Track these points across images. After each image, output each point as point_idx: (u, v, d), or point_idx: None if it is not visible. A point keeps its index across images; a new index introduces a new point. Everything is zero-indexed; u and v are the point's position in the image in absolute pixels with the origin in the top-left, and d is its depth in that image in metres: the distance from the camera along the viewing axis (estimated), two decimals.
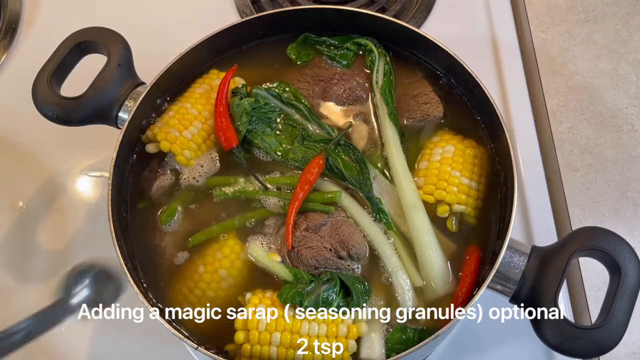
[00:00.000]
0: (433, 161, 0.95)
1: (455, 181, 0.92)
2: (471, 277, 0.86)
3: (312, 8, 1.07)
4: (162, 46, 1.03)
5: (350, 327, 0.82)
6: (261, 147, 0.96)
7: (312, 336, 0.81)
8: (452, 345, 1.02)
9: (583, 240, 0.84)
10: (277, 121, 0.99)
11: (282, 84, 1.03)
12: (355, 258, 0.89)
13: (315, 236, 0.89)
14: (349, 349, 0.82)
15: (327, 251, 0.87)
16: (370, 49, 1.05)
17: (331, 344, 0.81)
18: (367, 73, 1.05)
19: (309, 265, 0.87)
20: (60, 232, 1.12)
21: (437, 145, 0.97)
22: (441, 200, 0.92)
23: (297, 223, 0.90)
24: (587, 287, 1.04)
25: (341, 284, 0.84)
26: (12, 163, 1.21)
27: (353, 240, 0.88)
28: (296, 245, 0.88)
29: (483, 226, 0.92)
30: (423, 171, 0.95)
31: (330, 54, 1.07)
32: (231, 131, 0.95)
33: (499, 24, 1.32)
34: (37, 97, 0.96)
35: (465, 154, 0.95)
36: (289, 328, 0.81)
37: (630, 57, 1.28)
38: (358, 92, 1.03)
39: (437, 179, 0.92)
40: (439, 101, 1.02)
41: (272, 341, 0.81)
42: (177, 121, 0.96)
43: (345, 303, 0.84)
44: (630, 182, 1.15)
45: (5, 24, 1.34)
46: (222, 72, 1.03)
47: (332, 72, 1.05)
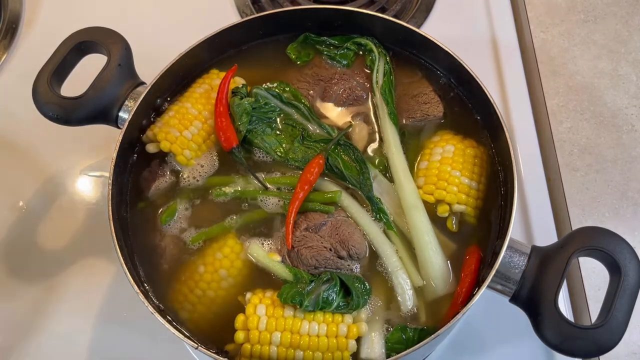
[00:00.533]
0: (433, 161, 0.95)
1: (455, 181, 0.92)
2: (471, 277, 0.86)
3: (312, 8, 1.07)
4: (162, 46, 1.04)
5: (350, 326, 0.82)
6: (261, 147, 0.96)
7: (312, 336, 0.81)
8: (452, 345, 1.02)
9: (583, 240, 0.84)
10: (277, 121, 0.99)
11: (282, 83, 1.03)
12: (355, 258, 0.89)
13: (315, 236, 0.89)
14: (349, 349, 0.82)
15: (327, 251, 0.87)
16: (370, 48, 1.05)
17: (331, 344, 0.81)
18: (367, 73, 1.05)
19: (309, 265, 0.87)
20: (60, 232, 1.12)
21: (437, 145, 0.97)
22: (441, 200, 0.92)
23: (297, 223, 0.90)
24: (587, 287, 1.04)
25: (341, 283, 0.84)
26: (12, 163, 1.21)
27: (353, 240, 0.88)
28: (296, 245, 0.88)
29: (483, 226, 0.92)
30: (423, 171, 0.95)
31: (330, 53, 1.07)
32: (231, 131, 0.95)
33: (499, 24, 1.32)
34: (37, 97, 0.96)
35: (465, 153, 0.95)
36: (289, 327, 0.81)
37: (630, 57, 1.28)
38: (358, 91, 1.03)
39: (437, 178, 0.92)
40: (439, 101, 1.02)
41: (272, 341, 0.81)
42: (178, 121, 0.96)
43: (345, 303, 0.84)
44: (630, 182, 1.15)
45: (5, 24, 1.34)
46: (222, 72, 1.03)
47: (332, 71, 1.05)
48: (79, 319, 1.05)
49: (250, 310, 0.83)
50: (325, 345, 0.81)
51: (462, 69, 0.97)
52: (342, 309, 0.83)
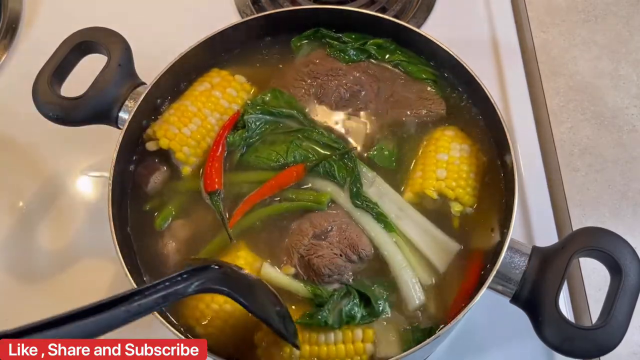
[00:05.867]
0: (453, 156, 0.93)
1: (471, 183, 0.92)
2: (473, 277, 0.86)
3: (312, 8, 1.07)
4: (162, 46, 1.04)
5: (365, 330, 0.83)
6: (255, 163, 0.95)
7: (330, 345, 0.81)
8: (452, 345, 1.02)
9: (584, 241, 0.84)
10: (270, 133, 0.98)
11: (275, 91, 1.01)
12: (366, 260, 0.88)
13: (324, 243, 0.88)
14: (366, 352, 0.82)
15: (338, 257, 0.87)
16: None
17: (349, 350, 0.81)
18: (363, 67, 1.04)
19: (322, 275, 0.86)
20: (60, 232, 1.12)
21: (454, 140, 0.95)
22: (459, 199, 0.91)
23: (304, 230, 0.89)
24: (588, 287, 1.04)
25: (359, 295, 0.84)
26: (12, 163, 1.21)
27: (362, 243, 0.88)
28: (306, 254, 0.87)
29: (484, 226, 0.92)
30: (443, 163, 0.92)
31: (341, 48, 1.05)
32: (218, 176, 0.93)
33: (499, 24, 1.32)
34: (37, 97, 0.96)
35: (477, 156, 0.95)
36: (307, 339, 0.82)
37: (631, 57, 1.28)
38: (355, 87, 1.02)
39: (457, 176, 0.92)
40: (441, 98, 1.01)
41: (292, 355, 0.81)
42: (177, 118, 0.96)
43: (367, 313, 0.84)
44: (631, 182, 1.15)
45: (5, 24, 1.34)
46: (223, 71, 1.03)
47: (328, 67, 1.04)
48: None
49: None
50: (344, 352, 0.81)
51: (463, 69, 0.97)
52: (367, 319, 0.83)
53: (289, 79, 1.04)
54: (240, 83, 1.02)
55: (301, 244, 0.88)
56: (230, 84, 1.01)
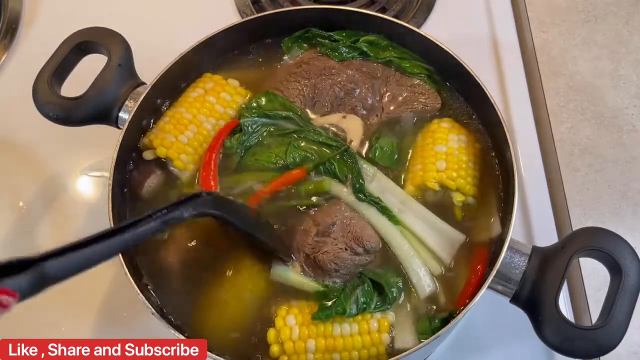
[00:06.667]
0: (452, 147, 0.93)
1: (471, 173, 0.92)
2: (476, 275, 0.86)
3: (312, 8, 1.07)
4: (162, 46, 1.03)
5: (380, 320, 0.83)
6: (254, 166, 0.95)
7: (345, 336, 0.81)
8: (452, 345, 1.02)
9: (584, 241, 0.84)
10: (267, 136, 0.97)
11: (269, 94, 1.00)
12: (372, 251, 0.88)
13: (329, 239, 0.88)
14: (383, 342, 0.82)
15: (344, 252, 0.87)
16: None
17: (365, 341, 0.81)
18: (356, 64, 1.04)
19: (330, 270, 0.86)
20: (60, 232, 1.12)
21: (451, 131, 0.95)
22: (459, 189, 0.91)
23: (308, 228, 0.89)
24: (588, 287, 1.04)
25: (372, 283, 0.85)
26: (12, 163, 1.21)
27: (367, 235, 0.88)
28: (311, 253, 0.87)
29: (486, 215, 0.92)
30: (442, 155, 0.92)
31: (332, 47, 1.05)
32: (214, 179, 0.93)
33: (499, 24, 1.32)
34: (37, 97, 0.96)
35: (475, 147, 0.96)
36: (322, 333, 0.82)
37: (631, 57, 1.28)
38: (349, 85, 1.02)
39: (457, 166, 0.92)
40: (435, 92, 1.01)
41: (307, 349, 0.81)
42: (173, 126, 0.96)
43: (381, 300, 0.84)
44: (631, 182, 1.15)
45: (5, 24, 1.34)
46: (215, 75, 1.02)
47: (321, 67, 1.03)
48: (79, 319, 1.04)
49: (280, 322, 0.82)
50: (360, 343, 0.81)
51: (463, 69, 0.97)
52: (381, 307, 0.84)
53: (282, 80, 1.03)
54: (234, 87, 1.02)
55: (306, 243, 0.88)
56: (224, 89, 1.01)
